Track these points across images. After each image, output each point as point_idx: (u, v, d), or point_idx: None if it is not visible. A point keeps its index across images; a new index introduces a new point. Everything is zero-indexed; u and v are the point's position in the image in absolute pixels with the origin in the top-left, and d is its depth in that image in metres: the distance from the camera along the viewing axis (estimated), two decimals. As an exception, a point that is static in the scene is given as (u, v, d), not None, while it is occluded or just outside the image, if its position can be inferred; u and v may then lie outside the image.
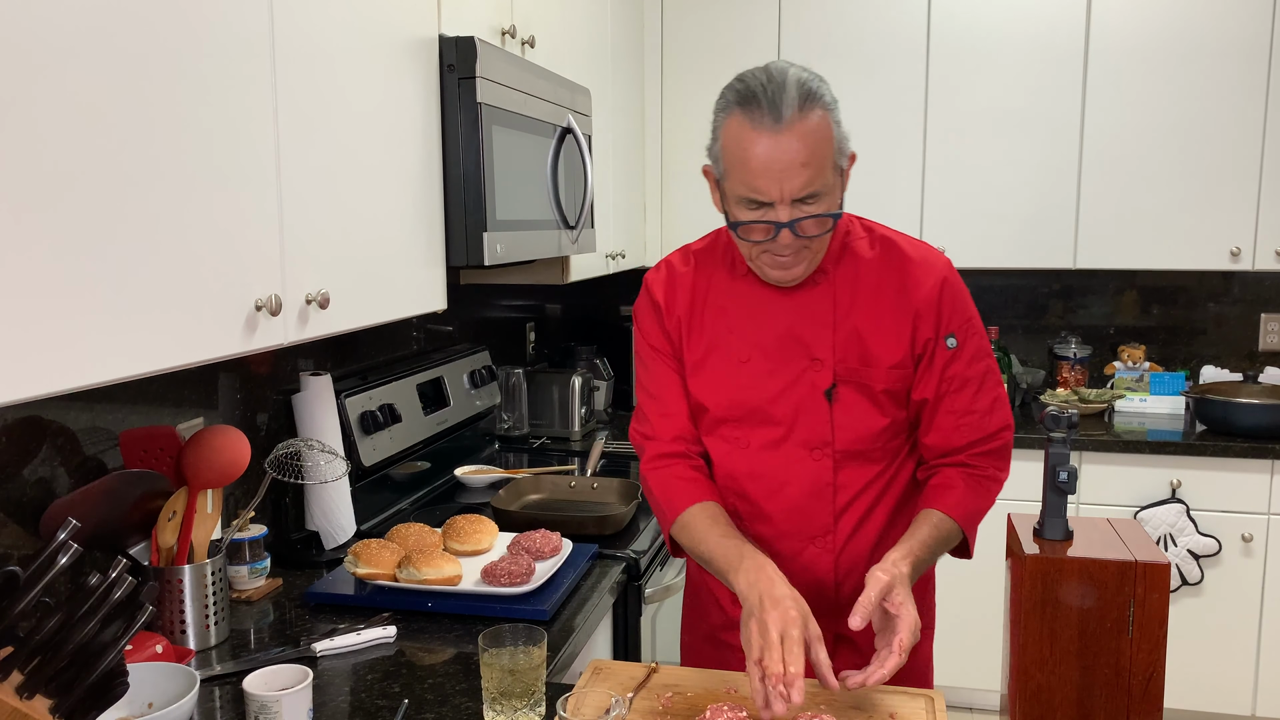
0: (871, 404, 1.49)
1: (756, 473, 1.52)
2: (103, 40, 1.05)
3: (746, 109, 1.33)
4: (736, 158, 1.35)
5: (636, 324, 1.62)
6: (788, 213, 1.35)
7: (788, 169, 1.32)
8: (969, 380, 1.49)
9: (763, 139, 1.32)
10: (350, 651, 1.54)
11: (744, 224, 1.38)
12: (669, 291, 1.57)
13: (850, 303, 1.48)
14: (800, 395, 1.48)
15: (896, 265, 1.49)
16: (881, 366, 1.47)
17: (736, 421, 1.52)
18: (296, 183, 1.39)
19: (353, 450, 2.10)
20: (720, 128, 1.39)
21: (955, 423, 1.49)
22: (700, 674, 1.43)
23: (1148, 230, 3.23)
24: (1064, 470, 1.40)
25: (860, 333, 1.47)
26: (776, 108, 1.31)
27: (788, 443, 1.50)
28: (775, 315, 1.49)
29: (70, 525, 1.00)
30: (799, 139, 1.31)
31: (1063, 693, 1.32)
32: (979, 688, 3.25)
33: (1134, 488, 3.09)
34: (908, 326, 1.47)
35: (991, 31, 3.25)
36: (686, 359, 1.55)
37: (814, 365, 1.48)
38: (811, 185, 1.33)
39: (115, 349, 1.08)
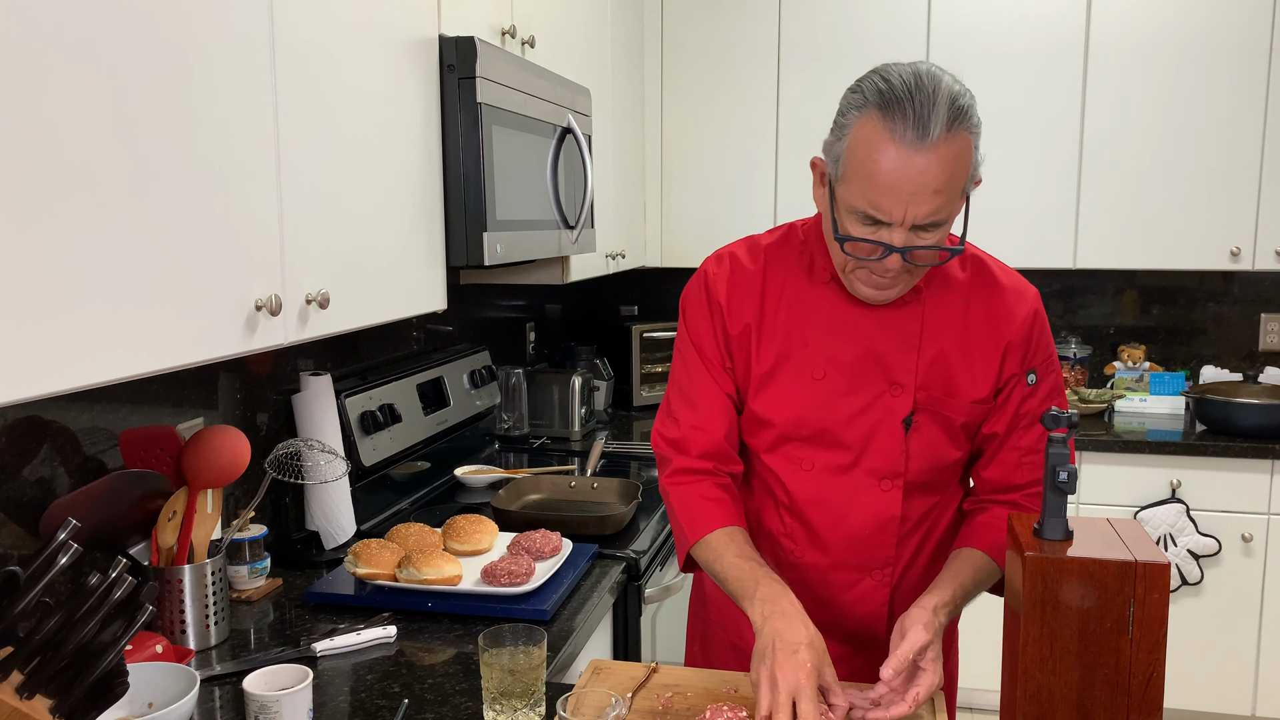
0: (947, 436, 1.40)
1: (820, 498, 1.41)
2: (103, 40, 1.05)
3: (888, 115, 1.19)
4: (864, 167, 1.21)
5: (684, 316, 1.47)
6: (903, 237, 1.23)
7: (918, 193, 1.19)
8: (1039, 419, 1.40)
9: (900, 154, 1.18)
10: (350, 651, 1.54)
11: (853, 239, 1.26)
12: (734, 292, 1.42)
13: (939, 326, 1.38)
14: (875, 420, 1.38)
15: (988, 292, 1.40)
16: (965, 399, 1.38)
17: (803, 441, 1.40)
18: (296, 182, 1.39)
19: (353, 450, 2.10)
20: (850, 126, 1.24)
21: (1019, 460, 1.41)
22: (700, 674, 1.43)
23: (1148, 230, 3.23)
24: (1064, 470, 1.40)
25: (947, 360, 1.38)
26: (924, 123, 1.18)
27: (856, 470, 1.40)
28: (857, 331, 1.38)
29: (70, 525, 1.00)
30: (939, 162, 1.19)
31: (1063, 693, 1.32)
32: (979, 688, 3.25)
33: (1134, 488, 3.09)
34: (996, 360, 1.38)
35: (991, 31, 3.25)
36: (754, 370, 1.42)
37: (893, 390, 1.37)
38: (938, 214, 1.22)
39: (115, 349, 1.08)
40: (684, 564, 1.47)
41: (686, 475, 1.44)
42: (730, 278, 1.43)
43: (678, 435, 1.45)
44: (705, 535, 1.39)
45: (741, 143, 3.41)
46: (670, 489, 1.45)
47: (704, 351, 1.44)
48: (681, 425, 1.45)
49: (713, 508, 1.41)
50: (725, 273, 1.44)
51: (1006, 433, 1.42)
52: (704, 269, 1.47)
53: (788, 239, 1.46)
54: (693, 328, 1.46)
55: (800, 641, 1.21)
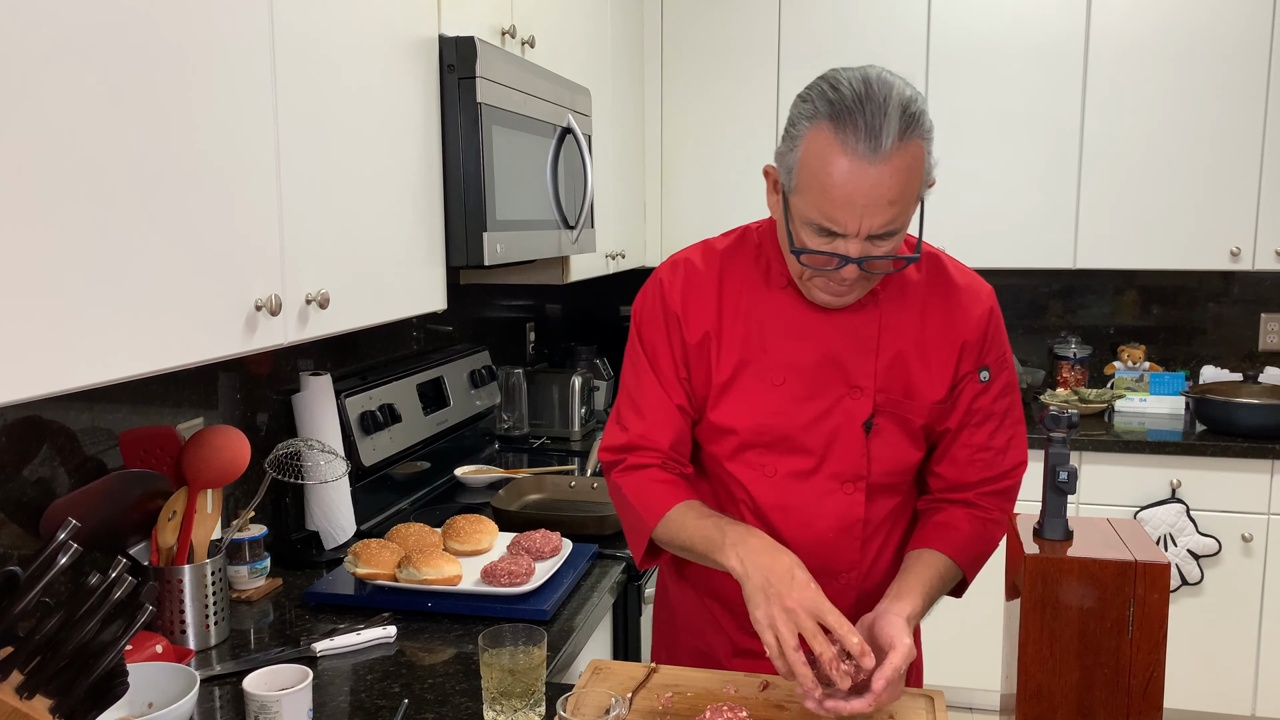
0: (908, 438, 1.40)
1: (783, 504, 1.40)
2: (103, 41, 1.05)
3: (839, 126, 1.18)
4: (817, 179, 1.20)
5: (638, 325, 1.45)
6: (859, 248, 1.23)
7: (873, 205, 1.19)
8: (992, 415, 1.42)
9: (852, 167, 1.17)
10: (350, 651, 1.54)
11: (809, 252, 1.26)
12: (691, 300, 1.40)
13: (897, 329, 1.38)
14: (835, 424, 1.37)
15: (944, 292, 1.40)
16: (925, 401, 1.39)
17: (765, 447, 1.40)
18: (296, 182, 1.39)
19: (353, 450, 2.10)
20: (802, 137, 1.22)
21: (970, 457, 1.42)
22: (700, 674, 1.43)
23: (1148, 230, 3.23)
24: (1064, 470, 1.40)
25: (905, 362, 1.38)
26: (876, 135, 1.16)
27: (819, 474, 1.39)
28: (815, 336, 1.37)
29: (70, 525, 1.00)
30: (892, 174, 1.18)
31: (1063, 693, 1.32)
32: (979, 688, 3.25)
33: (1134, 488, 3.09)
34: (953, 360, 1.39)
35: (992, 32, 3.25)
36: (714, 379, 1.40)
37: (853, 393, 1.37)
38: (893, 224, 1.22)
39: (115, 349, 1.08)
40: (644, 557, 1.44)
41: (636, 469, 1.43)
42: (686, 285, 1.42)
43: (626, 441, 1.44)
44: (662, 516, 1.37)
45: (741, 142, 3.41)
46: (621, 481, 1.44)
47: (657, 363, 1.42)
48: (630, 434, 1.44)
49: (666, 488, 1.40)
50: (680, 280, 1.42)
51: (958, 429, 1.42)
52: (659, 277, 1.45)
53: (743, 242, 1.44)
54: (647, 339, 1.44)
55: (791, 565, 1.22)
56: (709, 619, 1.53)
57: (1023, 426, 1.46)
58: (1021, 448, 1.45)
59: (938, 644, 3.26)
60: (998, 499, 1.44)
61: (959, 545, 1.40)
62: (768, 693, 1.36)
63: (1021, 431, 1.46)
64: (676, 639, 1.58)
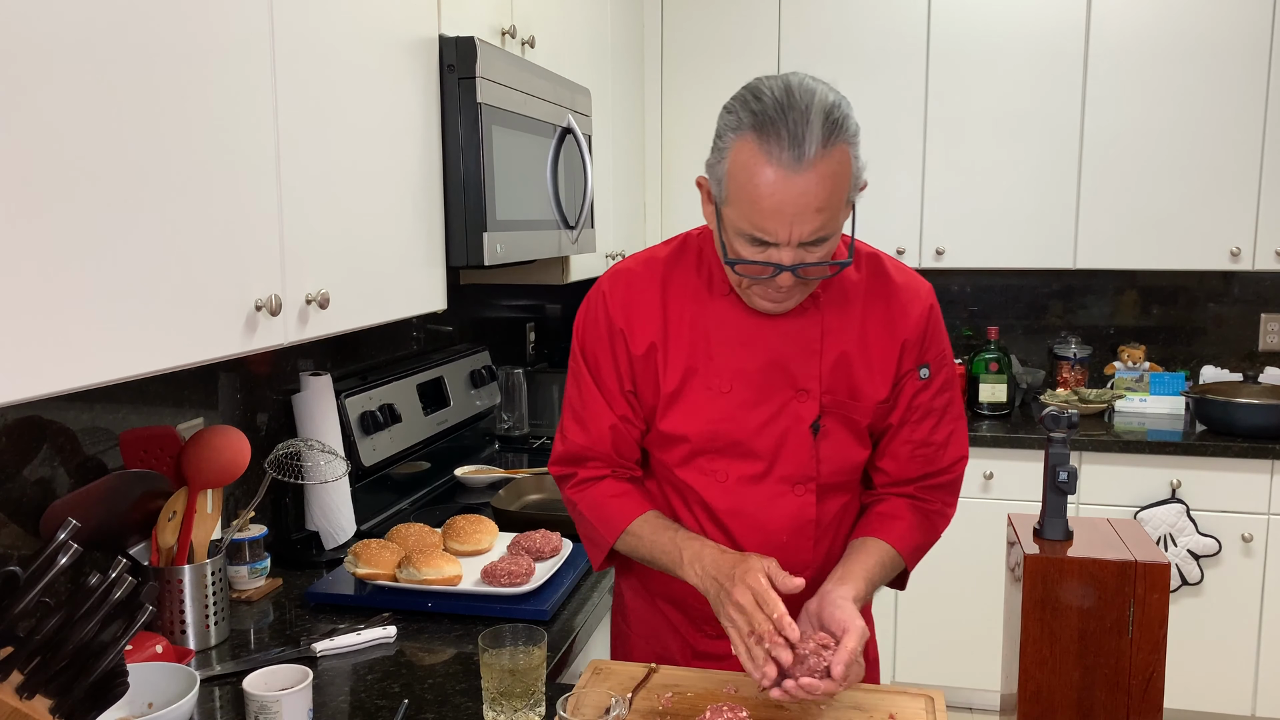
0: (855, 438, 1.42)
1: (736, 509, 1.41)
2: (103, 40, 1.05)
3: (763, 137, 1.19)
4: (745, 191, 1.22)
5: (580, 339, 1.45)
6: (792, 255, 1.24)
7: (801, 213, 1.20)
8: (932, 411, 1.43)
9: (778, 178, 1.18)
10: (350, 651, 1.54)
11: (744, 262, 1.27)
12: (634, 312, 1.41)
13: (839, 331, 1.39)
14: (784, 427, 1.39)
15: (884, 292, 1.41)
16: (869, 401, 1.40)
17: (715, 454, 1.41)
18: (296, 182, 1.39)
19: (353, 450, 2.10)
20: (728, 149, 1.24)
21: (911, 453, 1.43)
22: (700, 674, 1.43)
23: (1148, 230, 3.23)
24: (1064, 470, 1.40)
25: (849, 363, 1.39)
26: (799, 144, 1.17)
27: (769, 477, 1.40)
28: (759, 342, 1.38)
29: (70, 525, 1.00)
30: (818, 181, 1.18)
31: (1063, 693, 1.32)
32: (979, 688, 3.25)
33: (1134, 488, 3.09)
34: (894, 359, 1.40)
35: (992, 31, 3.25)
36: (662, 388, 1.40)
37: (799, 396, 1.38)
38: (823, 230, 1.22)
39: (115, 349, 1.08)
40: (601, 562, 1.47)
41: (588, 483, 1.46)
42: (629, 296, 1.42)
43: (572, 453, 1.47)
44: (621, 532, 1.41)
45: (741, 143, 3.41)
46: (576, 497, 1.46)
47: (600, 376, 1.43)
48: (575, 445, 1.46)
49: (621, 502, 1.43)
50: (623, 291, 1.42)
51: (899, 425, 1.43)
52: (600, 289, 1.45)
53: (683, 250, 1.45)
54: (589, 353, 1.44)
55: (736, 559, 1.27)
56: (664, 623, 1.53)
57: (963, 421, 1.48)
58: (962, 442, 1.47)
59: (938, 644, 3.27)
60: (939, 492, 1.46)
61: (900, 534, 1.42)
62: (767, 692, 1.36)
63: (962, 426, 1.48)
64: (631, 645, 1.57)
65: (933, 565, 3.20)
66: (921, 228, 3.38)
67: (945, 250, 3.36)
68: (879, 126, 3.34)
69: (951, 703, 3.26)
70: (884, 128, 3.34)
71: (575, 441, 1.46)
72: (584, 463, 1.47)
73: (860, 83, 3.32)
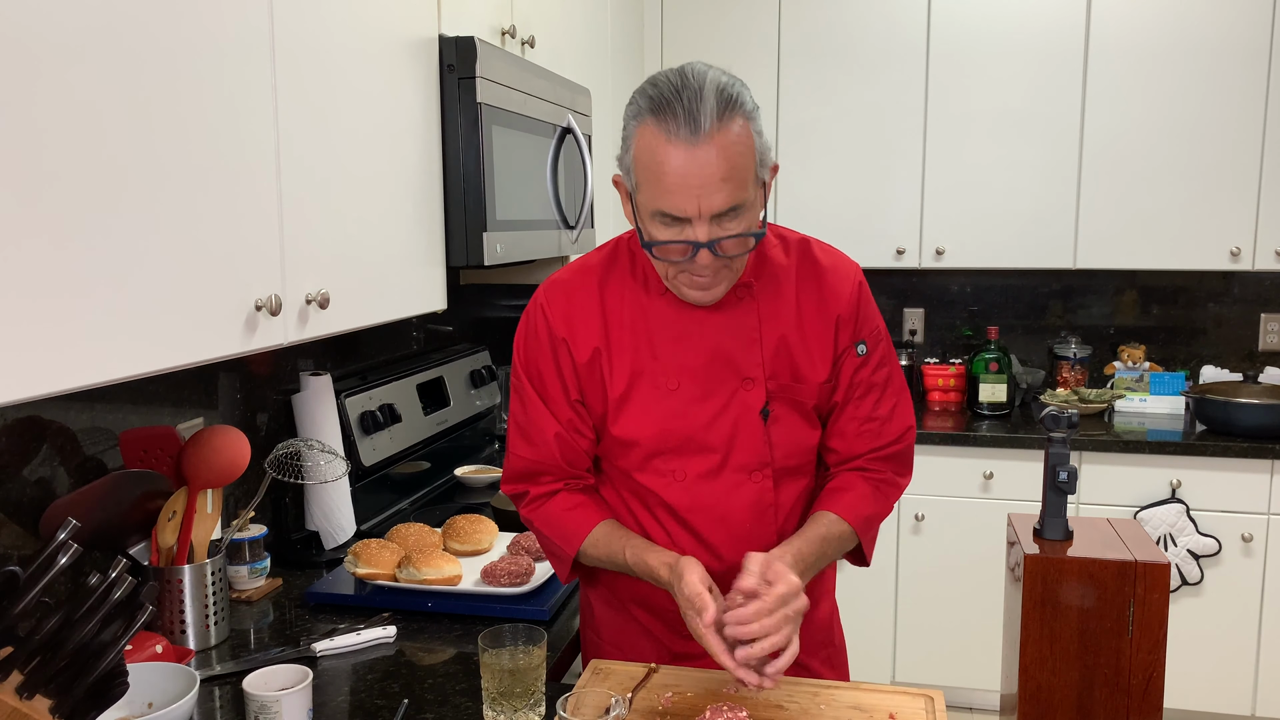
0: (804, 420, 1.44)
1: (697, 504, 1.42)
2: (104, 40, 1.05)
3: (660, 118, 1.22)
4: (650, 172, 1.24)
5: (520, 353, 1.45)
6: (706, 231, 1.25)
7: (706, 185, 1.22)
8: (873, 387, 1.45)
9: (679, 152, 1.21)
10: (350, 651, 1.54)
11: (660, 244, 1.28)
12: (574, 320, 1.42)
13: (775, 316, 1.41)
14: (734, 417, 1.40)
15: (813, 274, 1.44)
16: (812, 383, 1.42)
17: (671, 453, 1.41)
18: (296, 182, 1.39)
19: (353, 450, 2.10)
20: (631, 137, 1.27)
21: (858, 429, 1.45)
22: (700, 674, 1.42)
23: (1148, 230, 3.23)
24: (1064, 470, 1.40)
25: (788, 346, 1.41)
26: (694, 118, 1.20)
27: (726, 469, 1.41)
28: (701, 336, 1.40)
29: (70, 525, 1.00)
30: (718, 152, 1.21)
31: (1063, 693, 1.32)
32: (979, 688, 3.25)
33: (1134, 488, 3.09)
34: (830, 337, 1.43)
35: (992, 31, 3.25)
36: (609, 393, 1.41)
37: (745, 385, 1.40)
38: (732, 200, 1.24)
39: (115, 349, 1.08)
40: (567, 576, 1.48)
41: (541, 499, 1.46)
42: (568, 305, 1.43)
43: (521, 469, 1.47)
44: (580, 545, 1.42)
45: (741, 143, 3.41)
46: (532, 516, 1.47)
47: (544, 388, 1.43)
48: (523, 461, 1.46)
49: (576, 514, 1.43)
50: (561, 301, 1.43)
51: (844, 403, 1.45)
52: (537, 302, 1.45)
53: (616, 255, 1.46)
54: (529, 366, 1.45)
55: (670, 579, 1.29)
56: (637, 628, 1.52)
57: (906, 394, 1.50)
58: (906, 413, 1.49)
59: (938, 644, 3.27)
60: (889, 463, 1.47)
61: (847, 504, 1.43)
62: (767, 692, 1.36)
63: (906, 399, 1.50)
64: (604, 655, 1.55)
65: (933, 565, 3.21)
66: (921, 228, 3.38)
67: (945, 250, 3.36)
68: (879, 126, 3.35)
69: (951, 703, 3.26)
70: (884, 128, 3.34)
71: (522, 456, 1.46)
72: (535, 478, 1.46)
73: (860, 83, 3.32)
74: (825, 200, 3.40)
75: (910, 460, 1.50)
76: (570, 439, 1.44)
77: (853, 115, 3.36)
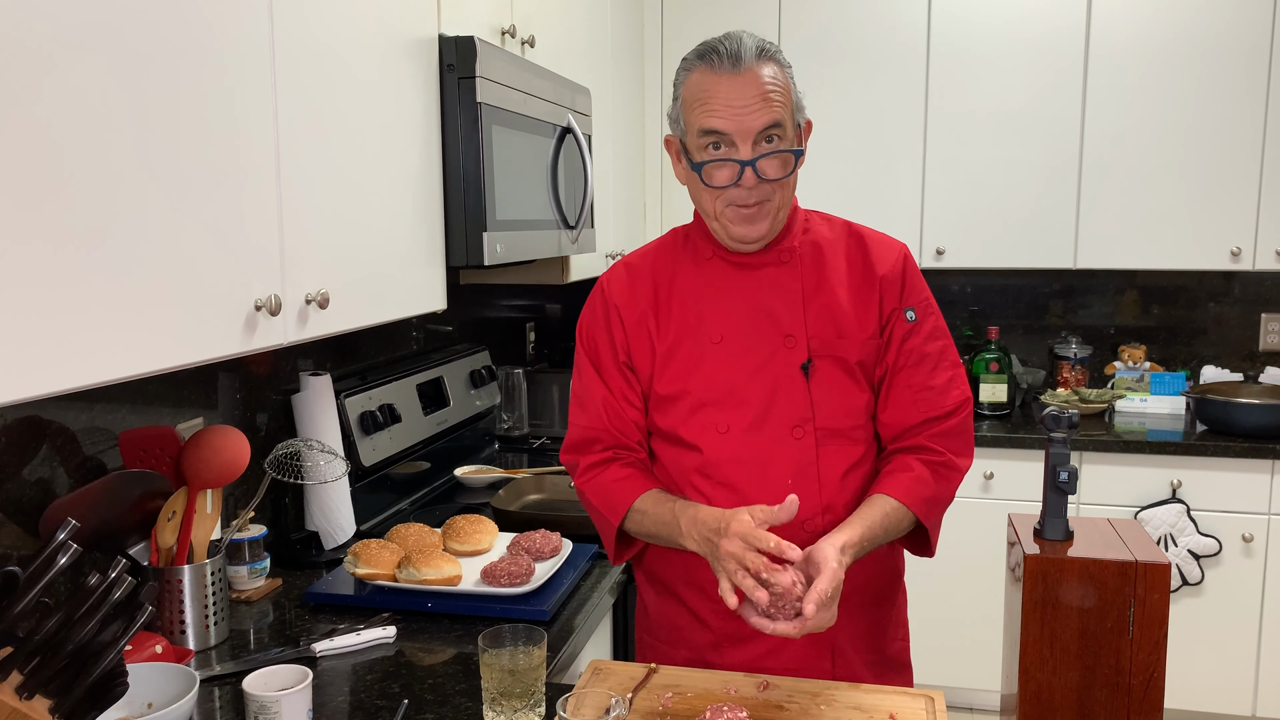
0: (849, 378, 1.47)
1: (738, 457, 1.46)
2: (104, 40, 1.05)
3: (705, 59, 1.39)
4: (698, 101, 1.38)
5: (580, 334, 1.57)
6: (749, 151, 1.37)
7: (748, 105, 1.36)
8: (926, 356, 1.48)
9: (723, 80, 1.36)
10: (350, 652, 1.54)
11: (706, 163, 1.40)
12: (629, 289, 1.54)
13: (818, 278, 1.49)
14: (776, 373, 1.46)
15: (858, 243, 1.52)
16: (855, 339, 1.47)
17: (713, 406, 1.47)
18: (296, 182, 1.39)
19: (353, 450, 2.10)
20: (680, 85, 1.43)
21: (912, 398, 1.48)
22: (700, 674, 1.43)
23: (1148, 230, 3.23)
24: (1064, 470, 1.40)
25: (832, 306, 1.47)
26: (736, 55, 1.36)
27: (768, 423, 1.46)
28: (744, 294, 1.48)
29: (70, 525, 1.00)
30: (759, 77, 1.36)
31: (1063, 693, 1.32)
32: (979, 688, 3.25)
33: (1134, 488, 3.09)
34: (874, 296, 1.48)
35: (992, 31, 3.25)
36: (657, 349, 1.50)
37: (787, 341, 1.46)
38: (773, 117, 1.36)
39: (114, 349, 1.08)
40: (616, 554, 1.54)
41: (592, 469, 1.53)
42: (626, 279, 1.55)
43: (575, 439, 1.56)
44: (626, 511, 1.47)
45: (741, 143, 3.41)
46: (583, 487, 1.54)
47: (598, 358, 1.54)
48: (578, 430, 1.55)
49: (623, 485, 1.50)
50: (620, 277, 1.56)
51: (895, 370, 1.49)
52: (600, 284, 1.58)
53: (673, 236, 1.59)
54: (587, 338, 1.56)
55: (722, 513, 1.33)
56: (688, 616, 1.54)
57: (961, 369, 1.53)
58: (963, 386, 1.51)
59: (938, 644, 3.27)
60: (946, 439, 1.48)
61: (905, 486, 1.44)
62: (768, 693, 1.36)
63: (961, 373, 1.52)
64: (662, 653, 1.58)
65: (933, 565, 3.21)
66: (921, 227, 3.38)
67: (945, 250, 3.36)
68: (879, 126, 3.34)
69: (951, 703, 3.26)
70: (884, 127, 3.34)
71: (577, 424, 1.56)
72: (587, 447, 1.54)
73: (860, 82, 3.32)
74: (825, 200, 3.39)
75: (970, 439, 1.51)
76: (619, 406, 1.52)
77: (853, 115, 3.36)
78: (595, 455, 1.53)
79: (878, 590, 1.54)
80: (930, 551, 1.51)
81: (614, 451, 1.53)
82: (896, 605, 1.60)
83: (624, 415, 1.52)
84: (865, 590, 1.50)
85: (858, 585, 1.47)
